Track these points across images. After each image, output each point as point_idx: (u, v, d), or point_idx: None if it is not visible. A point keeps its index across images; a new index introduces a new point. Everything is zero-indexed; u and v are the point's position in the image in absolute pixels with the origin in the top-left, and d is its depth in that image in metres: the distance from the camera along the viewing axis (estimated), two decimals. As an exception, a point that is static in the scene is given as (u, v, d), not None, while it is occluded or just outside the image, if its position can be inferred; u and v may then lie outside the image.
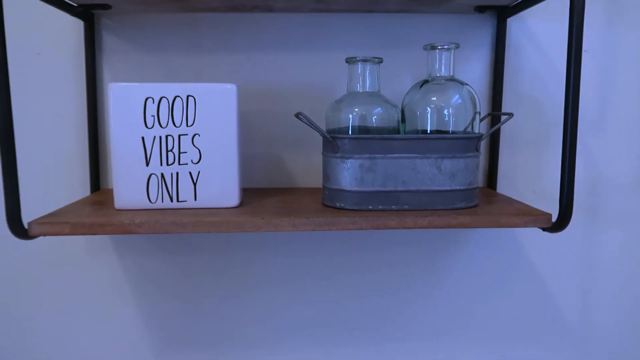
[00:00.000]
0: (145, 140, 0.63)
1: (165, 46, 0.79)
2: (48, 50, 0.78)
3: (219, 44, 0.79)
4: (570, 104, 0.58)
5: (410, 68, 0.81)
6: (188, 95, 0.63)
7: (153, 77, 0.79)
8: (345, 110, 0.65)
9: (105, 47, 0.79)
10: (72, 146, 0.80)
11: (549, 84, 0.83)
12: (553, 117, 0.83)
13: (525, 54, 0.82)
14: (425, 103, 0.66)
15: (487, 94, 0.82)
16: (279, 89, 0.81)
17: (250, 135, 0.81)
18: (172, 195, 0.65)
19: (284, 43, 0.80)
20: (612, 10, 0.81)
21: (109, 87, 0.62)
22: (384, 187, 0.63)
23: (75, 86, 0.79)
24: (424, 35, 0.80)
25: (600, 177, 0.85)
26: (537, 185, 0.85)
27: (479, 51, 0.81)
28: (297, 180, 0.83)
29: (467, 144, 0.63)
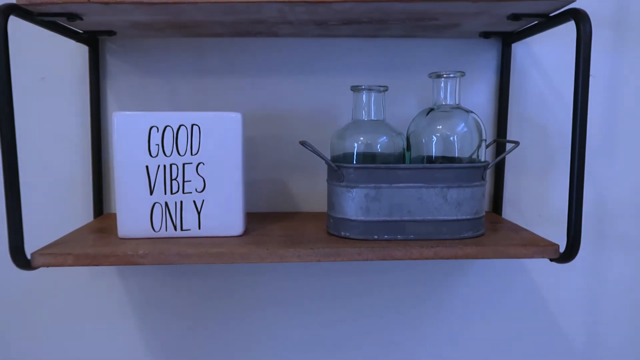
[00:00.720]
0: (150, 169, 0.63)
1: (169, 70, 0.79)
2: (52, 75, 0.78)
3: (224, 68, 0.79)
4: (577, 136, 0.58)
5: (415, 92, 0.81)
6: (193, 124, 0.63)
7: (157, 101, 0.79)
8: (350, 139, 0.65)
9: (110, 71, 0.79)
10: (76, 170, 0.80)
11: (555, 109, 0.82)
12: (558, 141, 0.83)
13: (530, 78, 0.81)
14: (431, 131, 0.65)
15: (492, 118, 0.82)
16: (283, 114, 0.80)
17: (255, 159, 0.81)
18: (176, 224, 0.64)
19: (289, 67, 0.80)
20: (618, 35, 0.81)
21: (113, 115, 0.62)
22: (389, 216, 0.63)
23: (79, 110, 0.79)
24: (428, 60, 0.80)
25: (607, 201, 0.85)
26: (543, 209, 0.84)
27: (484, 75, 0.81)
28: (301, 205, 0.83)
29: (473, 173, 0.63)
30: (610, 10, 0.81)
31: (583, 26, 0.57)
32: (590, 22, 0.57)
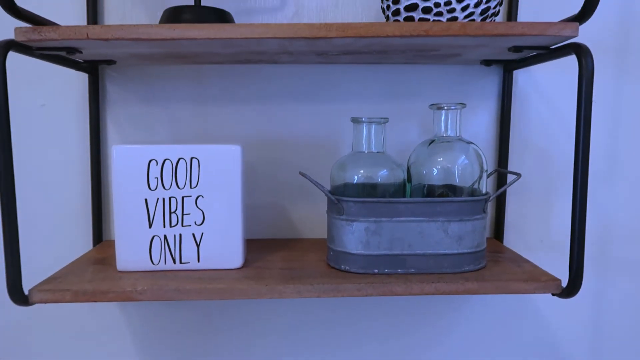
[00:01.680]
0: (149, 202, 0.63)
1: (169, 97, 0.79)
2: (52, 101, 0.78)
3: (224, 95, 0.79)
4: (580, 168, 0.57)
5: (416, 118, 0.80)
6: (192, 157, 0.63)
7: (157, 128, 0.79)
8: (350, 171, 0.65)
9: (110, 98, 0.78)
10: (76, 196, 0.79)
11: (557, 134, 0.82)
12: (560, 166, 0.82)
13: (532, 104, 0.81)
14: (432, 163, 0.65)
15: (494, 144, 0.82)
16: (284, 140, 0.80)
17: (255, 185, 0.80)
18: (175, 257, 0.64)
19: (289, 94, 0.79)
20: (620, 61, 0.81)
21: (112, 149, 0.62)
22: (390, 250, 0.62)
23: (79, 137, 0.79)
24: (429, 86, 0.80)
25: (611, 226, 0.84)
26: (545, 235, 0.84)
27: (486, 102, 0.80)
28: (302, 231, 0.82)
29: (474, 206, 0.62)
30: (613, 36, 0.80)
31: (585, 61, 0.56)
32: (592, 57, 0.56)
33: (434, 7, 0.59)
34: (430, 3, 0.59)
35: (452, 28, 0.56)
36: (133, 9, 0.77)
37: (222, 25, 0.55)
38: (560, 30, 0.56)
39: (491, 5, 0.60)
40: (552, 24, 0.56)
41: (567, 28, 0.56)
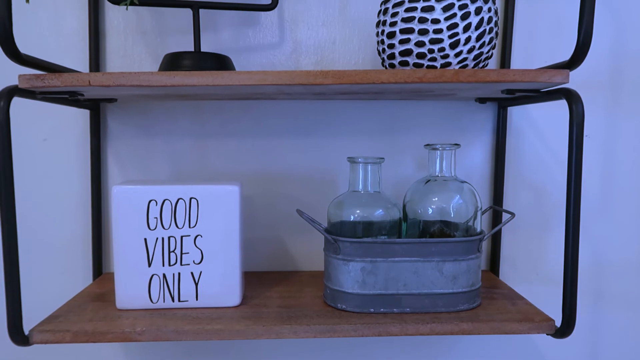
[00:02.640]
0: (148, 242, 0.64)
1: (170, 131, 0.80)
2: (54, 136, 0.80)
3: (223, 129, 0.80)
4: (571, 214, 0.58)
5: (412, 152, 0.81)
6: (191, 197, 0.64)
7: (158, 162, 0.80)
8: (347, 211, 0.66)
9: (110, 133, 0.80)
10: (76, 230, 0.80)
11: (551, 169, 0.83)
12: (555, 200, 0.83)
13: (526, 138, 0.82)
14: (427, 203, 0.66)
15: (489, 178, 0.83)
16: (282, 173, 0.81)
17: (254, 218, 0.81)
18: (173, 296, 0.65)
19: (287, 128, 0.81)
20: (612, 97, 0.82)
21: (112, 189, 0.63)
22: (385, 290, 0.63)
23: (80, 171, 0.80)
24: (425, 122, 0.81)
25: (605, 259, 0.85)
26: (540, 267, 0.84)
27: (481, 136, 0.82)
28: (300, 263, 0.83)
29: (469, 246, 0.63)
30: (606, 71, 0.81)
31: (575, 107, 0.57)
32: (582, 103, 0.57)
33: (427, 53, 0.60)
34: (424, 49, 0.60)
35: (446, 75, 0.57)
36: (134, 47, 0.78)
37: (220, 73, 0.57)
38: (551, 77, 0.58)
39: (484, 51, 0.61)
40: (543, 71, 0.57)
41: (558, 75, 0.58)
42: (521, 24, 0.79)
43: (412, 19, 0.60)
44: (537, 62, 0.80)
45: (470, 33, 0.59)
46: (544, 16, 0.80)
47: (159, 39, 0.78)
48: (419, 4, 0.59)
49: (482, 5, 0.59)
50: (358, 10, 0.79)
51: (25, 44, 0.77)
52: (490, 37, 0.61)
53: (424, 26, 0.59)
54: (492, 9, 0.61)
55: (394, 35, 0.61)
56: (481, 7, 0.59)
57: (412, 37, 0.60)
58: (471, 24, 0.59)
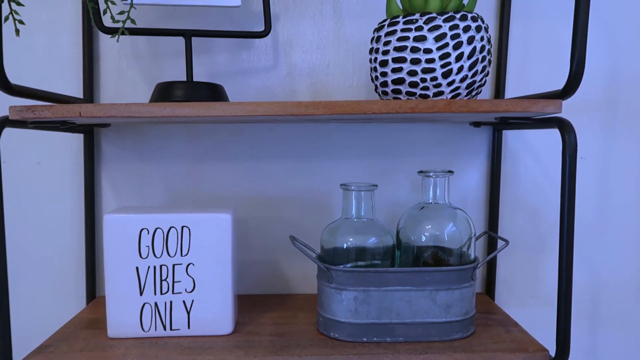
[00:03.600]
0: (140, 270, 0.63)
1: (164, 154, 0.80)
2: (48, 159, 0.79)
3: (217, 152, 0.80)
4: (565, 244, 0.58)
5: (407, 175, 0.81)
6: (183, 225, 0.63)
7: (151, 186, 0.80)
8: (340, 238, 0.65)
9: (105, 156, 0.80)
10: (70, 253, 0.80)
11: (546, 190, 0.82)
12: (551, 222, 0.83)
13: (522, 161, 0.82)
14: (420, 230, 0.66)
15: (484, 200, 0.82)
16: (277, 196, 0.81)
17: (248, 241, 0.81)
18: (165, 324, 0.64)
19: (281, 151, 0.80)
20: (608, 117, 0.82)
21: (104, 218, 0.63)
22: (378, 319, 0.63)
23: (74, 194, 0.80)
24: (420, 144, 0.81)
25: (602, 281, 0.84)
26: (536, 290, 0.84)
27: (476, 158, 0.82)
28: (294, 286, 0.83)
29: (462, 275, 0.63)
30: (601, 91, 0.81)
31: (568, 137, 0.57)
32: (575, 133, 0.57)
33: (420, 82, 0.60)
34: (417, 78, 0.60)
35: (438, 106, 0.57)
36: (128, 71, 0.78)
37: (212, 104, 0.56)
38: (544, 108, 0.57)
39: (477, 79, 0.61)
40: (536, 102, 0.57)
41: (551, 105, 0.57)
42: (515, 49, 0.79)
43: (404, 48, 0.59)
44: (532, 86, 0.80)
45: (462, 62, 0.59)
46: (538, 40, 0.80)
47: (154, 63, 0.78)
48: (411, 33, 0.59)
49: (474, 34, 0.59)
50: (352, 33, 0.79)
51: (19, 68, 0.77)
52: (483, 65, 0.61)
53: (416, 55, 0.59)
54: (485, 38, 0.61)
55: (386, 63, 0.61)
56: (473, 36, 0.59)
57: (405, 66, 0.60)
58: (463, 54, 0.59)
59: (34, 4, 0.76)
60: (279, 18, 0.78)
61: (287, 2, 0.78)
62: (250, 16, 0.78)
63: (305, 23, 0.79)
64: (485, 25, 0.62)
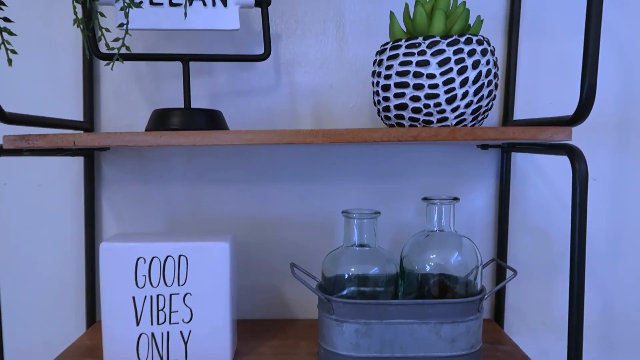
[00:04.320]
0: (136, 300, 0.62)
1: (164, 177, 0.79)
2: (49, 182, 0.79)
3: (218, 175, 0.79)
4: (576, 273, 0.55)
5: (412, 196, 0.79)
6: (180, 254, 0.62)
7: (152, 208, 0.79)
8: (342, 267, 0.63)
9: (105, 178, 0.79)
10: (69, 277, 0.79)
11: (556, 213, 0.80)
12: (562, 246, 0.80)
13: (531, 183, 0.79)
14: (425, 260, 0.63)
15: (492, 223, 0.80)
16: (278, 219, 0.79)
17: (249, 265, 0.80)
18: (162, 355, 0.63)
19: (282, 174, 0.79)
20: (620, 138, 0.79)
21: (100, 247, 0.61)
22: (380, 353, 0.60)
23: (74, 217, 0.79)
24: (426, 165, 0.79)
25: (615, 307, 0.81)
26: (547, 317, 0.81)
27: (484, 181, 0.79)
28: (296, 311, 0.81)
29: (468, 307, 0.61)
30: (614, 111, 0.78)
31: (578, 165, 0.54)
32: (586, 162, 0.54)
33: (423, 107, 0.58)
34: (420, 104, 0.58)
35: (441, 134, 0.55)
36: (129, 93, 0.77)
37: (208, 133, 0.55)
38: (553, 135, 0.55)
39: (483, 104, 0.59)
40: (544, 129, 0.55)
41: (560, 133, 0.55)
42: (524, 67, 0.77)
43: (407, 73, 0.57)
44: (542, 105, 0.77)
45: (467, 88, 0.57)
46: (547, 58, 0.77)
47: (154, 84, 0.77)
48: (414, 57, 0.57)
49: (479, 58, 0.57)
50: (356, 53, 0.77)
51: (19, 89, 0.76)
52: (489, 90, 0.59)
53: (419, 81, 0.57)
54: (491, 61, 0.59)
55: (388, 88, 0.59)
56: (479, 60, 0.57)
57: (407, 91, 0.58)
58: (468, 79, 0.57)
59: (34, 25, 0.75)
60: (280, 38, 0.77)
61: (289, 22, 0.77)
62: (250, 36, 0.76)
63: (307, 42, 0.77)
64: (491, 48, 0.59)
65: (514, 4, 0.75)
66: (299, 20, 0.77)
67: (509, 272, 0.70)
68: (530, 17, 0.76)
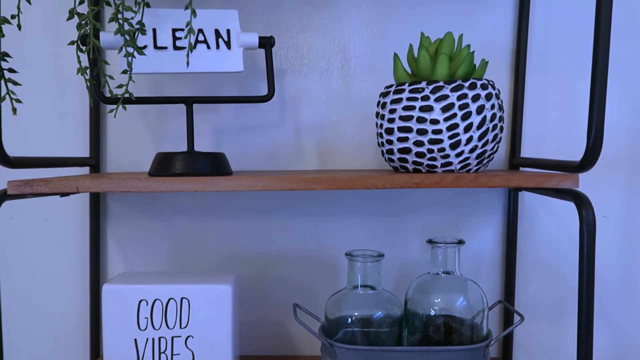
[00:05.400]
0: (138, 343, 0.62)
1: (169, 211, 0.79)
2: (55, 216, 0.79)
3: (223, 209, 0.79)
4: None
5: (417, 233, 0.78)
6: (182, 297, 0.62)
7: (157, 242, 0.79)
8: (345, 311, 0.63)
9: (110, 212, 0.79)
10: (75, 312, 0.79)
11: (566, 251, 0.78)
12: (572, 284, 0.78)
13: (539, 220, 0.78)
14: (429, 304, 0.62)
15: (500, 261, 0.78)
16: (282, 255, 0.79)
17: (253, 300, 0.79)
18: (163, 398, 0.63)
19: (286, 209, 0.78)
20: (631, 175, 0.77)
21: (102, 288, 0.62)
22: (384, 400, 0.59)
23: (79, 250, 0.79)
24: (431, 200, 0.78)
25: (627, 346, 0.79)
26: (556, 356, 0.79)
27: (491, 218, 0.78)
28: (301, 347, 0.80)
29: (474, 354, 0.59)
30: (625, 147, 0.77)
31: (585, 213, 0.53)
32: (593, 209, 0.53)
33: (427, 152, 0.57)
34: (424, 149, 0.57)
35: (445, 181, 0.54)
36: (134, 127, 0.77)
37: (210, 180, 0.55)
38: (559, 183, 0.54)
39: (488, 149, 0.58)
40: (551, 177, 0.54)
41: (567, 180, 0.54)
42: (531, 103, 0.76)
43: (410, 117, 0.57)
44: (549, 141, 0.76)
45: (472, 133, 0.56)
46: (555, 93, 0.76)
47: (159, 119, 0.77)
48: (417, 103, 0.57)
49: (484, 103, 0.56)
50: (361, 89, 0.77)
51: (27, 125, 0.77)
52: (494, 134, 0.58)
53: (422, 126, 0.56)
54: (496, 105, 0.58)
55: (392, 132, 0.59)
56: (483, 105, 0.56)
57: (411, 136, 0.57)
58: (473, 124, 0.56)
59: (41, 60, 0.76)
60: (285, 74, 0.77)
61: (294, 58, 0.77)
62: (256, 74, 0.76)
63: (312, 78, 0.77)
64: (496, 92, 0.59)
65: (521, 39, 0.74)
66: (303, 56, 0.77)
67: (516, 318, 0.69)
68: (537, 52, 0.76)
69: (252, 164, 0.78)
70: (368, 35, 0.76)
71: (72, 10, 0.52)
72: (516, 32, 0.75)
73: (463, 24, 0.76)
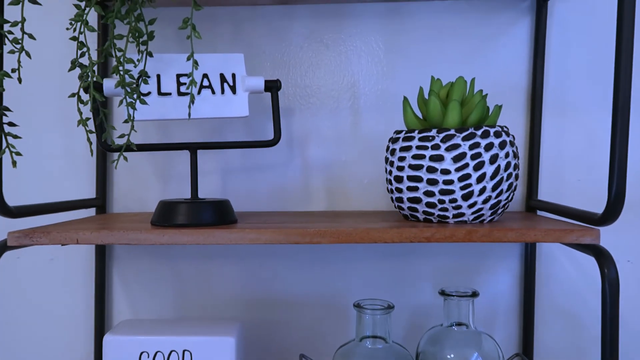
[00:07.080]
0: (139, 396, 0.60)
1: (174, 252, 0.77)
2: (60, 256, 0.78)
3: (228, 252, 0.77)
4: None
5: (429, 276, 0.75)
6: (184, 349, 0.60)
7: (162, 283, 0.77)
8: (352, 365, 0.60)
9: (116, 254, 0.78)
10: (79, 355, 0.78)
11: (587, 297, 0.74)
12: (593, 334, 0.74)
13: (558, 263, 0.74)
14: (442, 359, 0.59)
15: (516, 308, 0.75)
16: (289, 298, 0.76)
17: (257, 346, 0.77)
18: None
19: (294, 252, 0.76)
20: (656, 217, 0.74)
21: (103, 339, 0.60)
22: None
23: (85, 293, 0.78)
24: (444, 243, 0.75)
25: (654, 398, 0.75)
26: (578, 407, 0.75)
27: (506, 262, 0.75)
28: (308, 394, 0.77)
29: (489, 415, 0.56)
30: (647, 186, 0.74)
31: (607, 270, 0.50)
32: (615, 265, 0.50)
33: (438, 203, 0.55)
34: (434, 199, 0.55)
35: (456, 235, 0.52)
36: (140, 167, 0.77)
37: (212, 231, 0.53)
38: (579, 238, 0.51)
39: (502, 198, 0.56)
40: (569, 232, 0.51)
41: (587, 236, 0.51)
42: (549, 143, 0.73)
43: (420, 167, 0.55)
44: (568, 183, 0.73)
45: (485, 183, 0.54)
46: (573, 133, 0.73)
47: (166, 159, 0.76)
48: (427, 152, 0.54)
49: (497, 152, 0.54)
50: (370, 128, 0.75)
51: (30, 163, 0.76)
52: (509, 183, 0.56)
53: (433, 176, 0.54)
54: (511, 153, 0.55)
55: (401, 180, 0.57)
56: (497, 154, 0.54)
57: (421, 185, 0.55)
58: (486, 174, 0.54)
59: (49, 102, 0.76)
60: (294, 112, 0.75)
61: (302, 97, 0.75)
62: (263, 113, 0.75)
63: (321, 117, 0.75)
64: (510, 139, 0.56)
65: (537, 76, 0.72)
66: (312, 94, 0.75)
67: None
68: (553, 89, 0.73)
69: (259, 204, 0.76)
70: (378, 72, 0.75)
71: (74, 60, 0.52)
72: (531, 69, 0.73)
73: (476, 62, 0.74)
